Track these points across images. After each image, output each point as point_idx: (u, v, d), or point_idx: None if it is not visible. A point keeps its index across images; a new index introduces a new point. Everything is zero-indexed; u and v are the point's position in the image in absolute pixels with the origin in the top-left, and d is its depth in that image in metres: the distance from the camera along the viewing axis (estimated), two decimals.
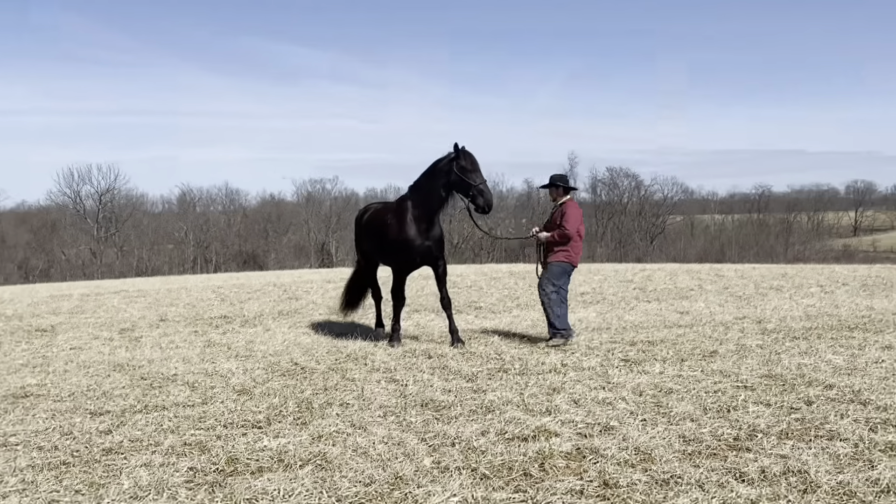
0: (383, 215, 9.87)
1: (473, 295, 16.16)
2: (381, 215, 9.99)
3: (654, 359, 8.32)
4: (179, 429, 6.08)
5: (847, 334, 9.55)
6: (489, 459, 5.16)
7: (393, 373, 7.96)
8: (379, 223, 9.87)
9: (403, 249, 9.46)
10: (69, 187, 66.44)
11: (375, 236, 9.96)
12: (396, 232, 9.44)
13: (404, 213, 9.48)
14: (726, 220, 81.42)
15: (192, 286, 21.19)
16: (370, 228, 10.15)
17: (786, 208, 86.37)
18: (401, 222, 9.44)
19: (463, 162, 9.10)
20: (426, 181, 9.44)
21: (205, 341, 10.52)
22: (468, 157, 9.14)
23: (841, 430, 5.56)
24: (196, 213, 71.97)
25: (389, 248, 9.62)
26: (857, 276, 17.81)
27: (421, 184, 9.50)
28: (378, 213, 10.23)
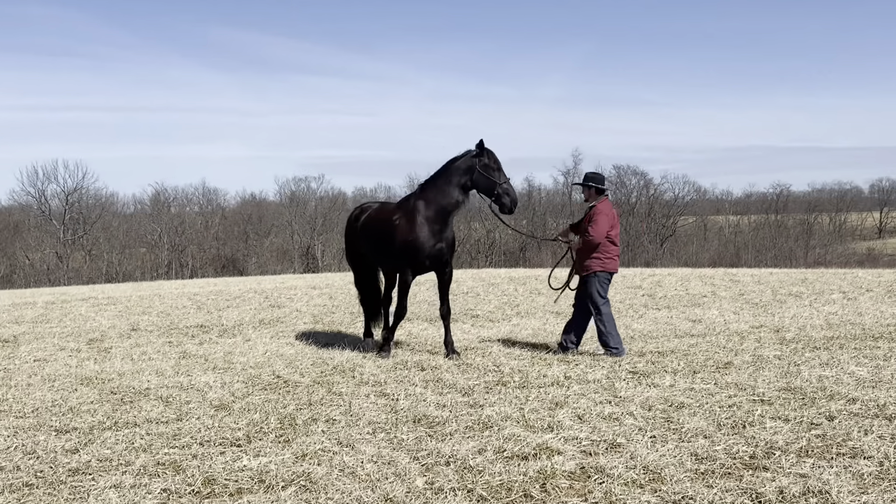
0: (388, 215, 9.75)
1: (470, 302, 16.17)
2: (384, 215, 9.88)
3: (664, 371, 8.33)
4: (152, 447, 6.06)
5: (871, 344, 9.57)
6: (486, 480, 5.16)
7: (383, 386, 7.96)
8: (382, 223, 9.76)
9: (414, 252, 9.36)
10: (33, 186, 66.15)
11: (377, 238, 9.85)
12: (406, 233, 9.35)
13: (415, 212, 9.41)
14: (742, 222, 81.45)
15: (166, 293, 21.15)
16: (370, 229, 10.05)
17: (806, 209, 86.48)
18: (411, 222, 9.36)
19: (486, 160, 9.23)
20: (442, 179, 9.43)
21: (180, 352, 10.50)
22: (491, 154, 9.28)
23: (865, 447, 5.57)
24: (171, 214, 71.68)
25: (397, 251, 9.46)
26: (882, 281, 17.86)
27: (436, 182, 9.47)
28: (380, 212, 10.13)
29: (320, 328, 12.70)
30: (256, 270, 61.86)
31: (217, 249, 69.81)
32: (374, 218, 10.12)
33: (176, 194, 75.39)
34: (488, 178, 9.18)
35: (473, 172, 9.25)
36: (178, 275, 61.69)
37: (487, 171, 9.18)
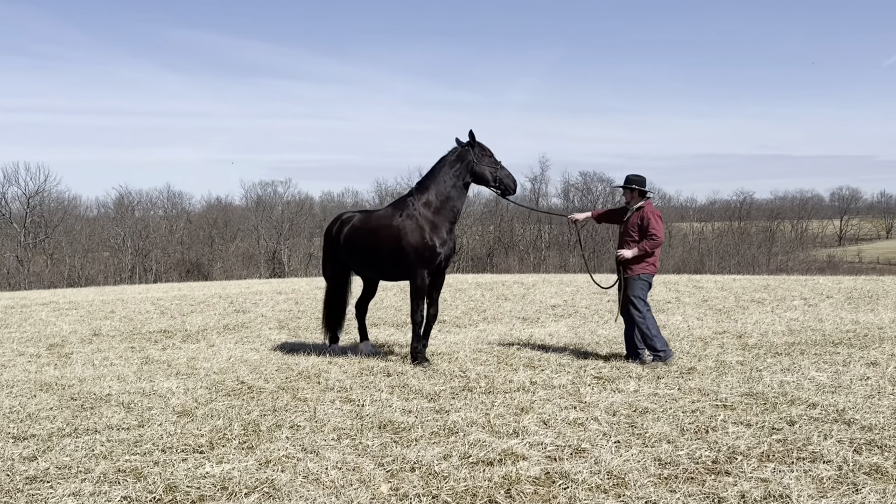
0: (387, 221, 9.48)
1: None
2: (381, 222, 9.57)
3: (629, 376, 8.38)
4: (113, 454, 5.97)
5: (831, 350, 9.72)
6: (451, 486, 5.15)
7: (348, 392, 7.92)
8: (380, 231, 9.45)
9: (431, 255, 9.24)
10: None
11: (374, 246, 9.52)
12: (420, 236, 9.21)
13: (424, 214, 9.30)
14: (706, 229, 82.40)
15: (129, 298, 20.90)
16: (360, 239, 9.68)
17: (768, 216, 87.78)
18: (423, 225, 9.24)
19: (479, 150, 9.38)
20: (445, 178, 9.35)
21: (142, 358, 10.37)
22: (482, 145, 9.43)
23: (824, 451, 5.65)
24: (135, 217, 70.80)
25: (411, 256, 9.22)
26: (842, 288, 18.16)
27: (438, 181, 9.37)
28: (372, 220, 9.77)
29: (286, 334, 12.62)
30: (222, 275, 61.28)
31: (182, 254, 69.08)
32: (365, 227, 9.72)
33: (140, 198, 74.64)
34: (487, 167, 9.35)
35: (471, 165, 9.34)
36: (142, 279, 60.96)
37: (484, 161, 9.33)
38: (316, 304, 17.43)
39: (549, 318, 13.88)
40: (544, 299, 17.11)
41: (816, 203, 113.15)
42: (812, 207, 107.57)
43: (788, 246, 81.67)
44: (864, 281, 20.68)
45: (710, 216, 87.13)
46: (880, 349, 9.64)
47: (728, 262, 67.28)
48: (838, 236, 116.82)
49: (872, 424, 6.28)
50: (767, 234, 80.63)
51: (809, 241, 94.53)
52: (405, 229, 9.26)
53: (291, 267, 68.61)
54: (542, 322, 13.47)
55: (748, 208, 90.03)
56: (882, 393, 7.36)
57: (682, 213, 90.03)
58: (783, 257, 73.46)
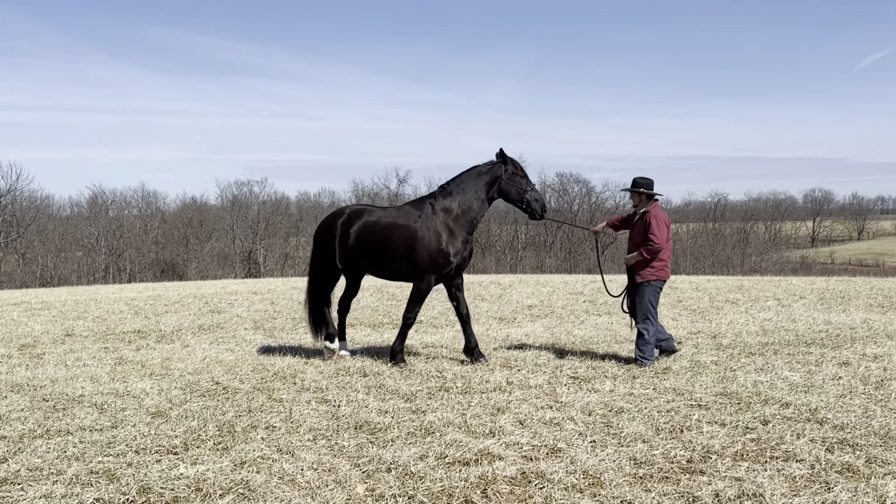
0: (405, 221, 9.34)
1: None
2: (398, 221, 9.39)
3: (605, 376, 8.42)
4: (85, 455, 5.91)
5: (804, 350, 9.81)
6: (428, 486, 5.14)
7: (324, 392, 7.89)
8: (398, 230, 9.30)
9: (445, 261, 9.23)
10: None
11: (387, 244, 9.33)
12: (437, 241, 9.17)
13: (444, 220, 9.26)
14: (680, 230, 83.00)
15: (102, 297, 20.69)
16: (375, 235, 9.43)
17: (742, 217, 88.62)
18: (442, 230, 9.21)
19: (512, 168, 9.33)
20: (470, 188, 9.34)
21: (116, 358, 10.27)
22: (515, 163, 9.39)
23: (797, 450, 5.70)
24: (109, 217, 70.14)
25: (423, 259, 9.16)
26: (815, 288, 18.35)
27: (463, 190, 9.35)
28: (388, 217, 9.52)
29: (261, 334, 12.54)
30: (197, 275, 60.86)
31: (156, 254, 68.56)
32: (381, 224, 9.46)
33: (114, 197, 73.98)
34: (516, 187, 9.31)
35: (500, 182, 9.32)
36: (116, 279, 60.40)
37: (514, 180, 9.29)
38: (292, 304, 17.35)
39: (526, 319, 13.90)
40: (521, 300, 17.14)
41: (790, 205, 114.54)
42: (785, 209, 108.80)
43: (762, 247, 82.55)
44: (836, 282, 20.91)
45: (685, 217, 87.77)
46: (852, 349, 9.76)
47: (703, 263, 67.82)
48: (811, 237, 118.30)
49: (844, 423, 6.35)
50: (741, 235, 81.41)
51: (783, 243, 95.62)
52: (423, 232, 9.19)
53: (267, 267, 68.30)
54: (518, 322, 13.49)
55: (722, 209, 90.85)
56: (853, 392, 7.44)
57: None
58: (757, 258, 74.23)
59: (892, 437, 5.99)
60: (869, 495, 4.84)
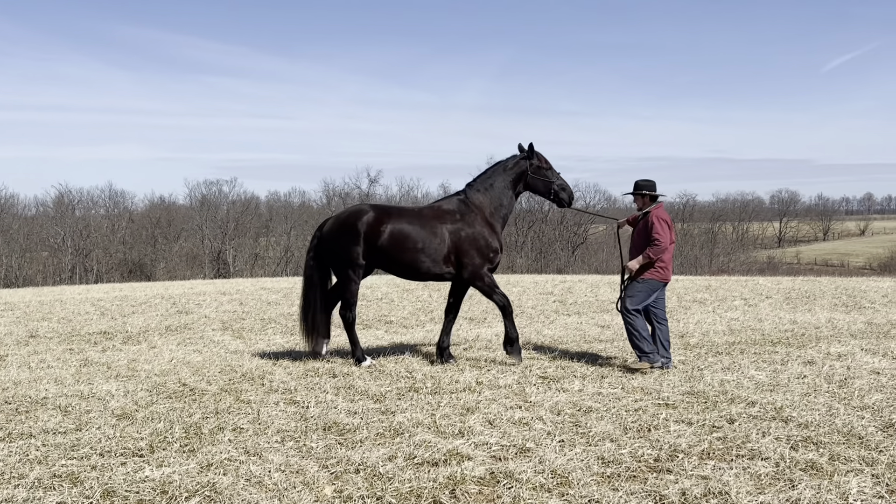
0: (443, 221, 9.23)
1: (384, 308, 16.10)
2: (438, 221, 9.25)
3: (574, 375, 8.45)
4: (48, 459, 5.81)
5: (770, 349, 9.93)
6: (396, 487, 5.13)
7: (293, 394, 7.84)
8: (440, 230, 9.17)
9: (492, 259, 9.36)
10: None
11: (427, 245, 9.12)
12: (485, 240, 9.24)
13: (483, 216, 9.29)
14: None
15: (68, 298, 20.42)
16: (412, 234, 9.15)
17: (710, 218, 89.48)
18: (483, 227, 9.26)
19: (537, 162, 9.40)
20: (499, 183, 9.43)
21: (81, 360, 10.14)
22: (540, 156, 9.45)
23: (762, 448, 5.76)
24: (75, 216, 69.19)
25: (472, 259, 9.19)
26: (781, 288, 18.57)
27: (490, 185, 9.42)
28: (424, 216, 9.34)
29: (229, 335, 12.45)
30: (165, 276, 60.25)
31: (124, 254, 67.71)
32: (416, 223, 9.22)
33: (81, 196, 72.93)
34: (543, 179, 9.43)
35: (526, 176, 9.43)
36: (83, 280, 59.59)
37: (540, 173, 9.40)
38: (261, 304, 17.23)
39: (496, 319, 13.91)
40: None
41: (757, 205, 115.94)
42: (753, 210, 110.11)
43: (730, 247, 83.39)
44: (801, 282, 21.19)
45: None
46: (817, 348, 9.88)
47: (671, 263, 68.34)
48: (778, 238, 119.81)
49: (808, 422, 6.43)
50: (710, 235, 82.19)
51: (750, 243, 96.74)
52: (468, 231, 9.21)
53: (237, 267, 67.76)
54: (488, 322, 13.51)
55: (691, 210, 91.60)
56: (818, 391, 7.54)
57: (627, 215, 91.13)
58: (725, 258, 74.94)
59: (854, 435, 6.07)
60: (832, 492, 4.90)
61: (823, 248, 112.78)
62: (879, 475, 5.19)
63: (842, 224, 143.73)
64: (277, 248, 72.59)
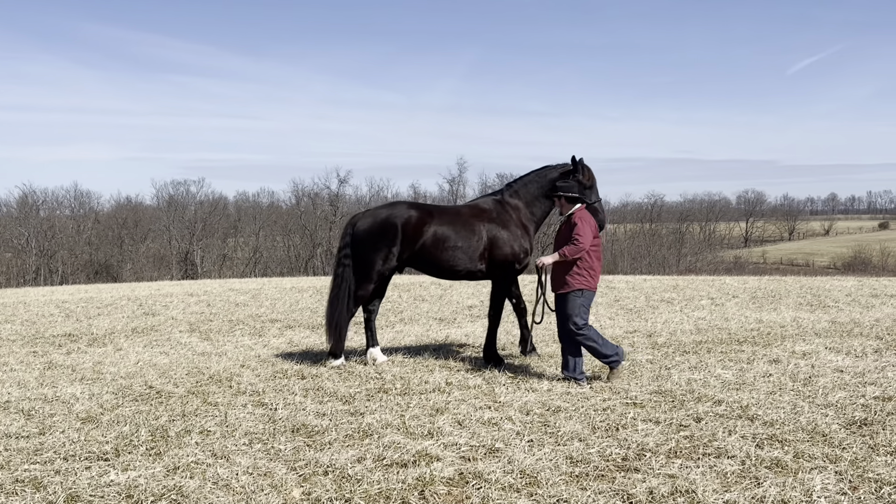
0: (485, 220, 9.23)
1: None
2: (479, 220, 9.24)
3: (543, 376, 8.48)
4: (10, 464, 5.72)
5: (736, 348, 10.03)
6: (365, 489, 5.11)
7: (261, 396, 7.79)
8: (481, 230, 9.19)
9: (522, 261, 9.34)
10: None
11: (467, 245, 9.11)
12: (519, 242, 9.23)
13: (517, 221, 9.30)
14: (618, 230, 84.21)
15: (31, 300, 20.11)
16: (454, 234, 9.12)
17: (678, 218, 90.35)
18: (517, 228, 9.27)
19: (582, 177, 9.18)
20: (534, 187, 9.38)
21: (45, 363, 9.99)
22: (588, 172, 9.26)
23: (729, 447, 5.82)
24: (40, 217, 68.18)
25: (506, 260, 9.18)
26: (747, 288, 18.78)
27: (527, 189, 9.41)
28: (464, 216, 9.31)
29: (197, 337, 12.33)
30: (132, 277, 59.58)
31: (90, 255, 66.84)
32: (458, 223, 9.20)
33: (45, 197, 71.91)
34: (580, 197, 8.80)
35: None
36: (47, 281, 58.80)
37: (581, 190, 8.97)
38: (228, 306, 17.09)
39: (466, 319, 13.92)
40: (461, 300, 17.17)
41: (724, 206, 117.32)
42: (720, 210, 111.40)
43: (697, 247, 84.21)
44: (767, 281, 21.43)
45: (623, 218, 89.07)
46: (782, 347, 10.00)
47: (640, 263, 68.89)
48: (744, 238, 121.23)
49: (774, 420, 6.51)
50: (677, 235, 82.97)
51: (717, 243, 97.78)
52: (503, 231, 9.22)
53: (205, 268, 67.21)
54: (458, 323, 13.51)
55: (659, 210, 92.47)
56: (783, 389, 7.63)
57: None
58: (692, 258, 75.66)
59: (818, 433, 6.16)
60: (797, 489, 4.96)
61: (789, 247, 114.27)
62: (842, 472, 5.27)
63: (807, 224, 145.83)
64: (246, 249, 72.13)
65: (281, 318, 14.63)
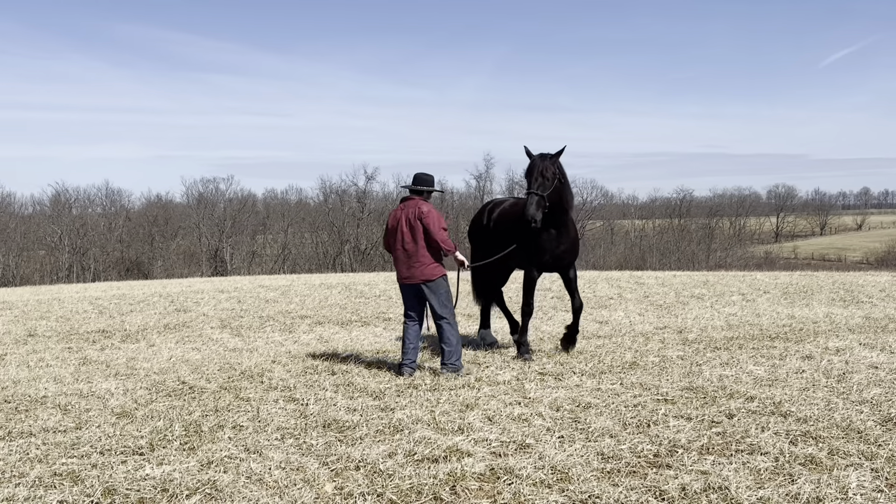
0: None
1: (382, 305, 16.10)
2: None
3: (572, 371, 8.46)
4: (49, 457, 5.82)
5: (768, 344, 9.94)
6: (396, 483, 5.13)
7: (292, 391, 7.84)
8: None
9: None
10: None
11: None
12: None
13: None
14: (647, 226, 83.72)
15: (66, 297, 20.40)
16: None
17: (707, 213, 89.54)
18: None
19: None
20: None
21: (80, 359, 10.14)
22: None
23: (762, 443, 5.77)
24: (72, 215, 69.10)
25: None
26: (779, 283, 18.59)
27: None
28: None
29: (228, 333, 12.44)
30: (162, 274, 60.21)
31: (121, 252, 67.68)
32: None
33: (77, 195, 72.88)
34: None
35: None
36: (80, 278, 59.53)
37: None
38: (259, 302, 17.22)
39: (493, 316, 13.91)
40: None
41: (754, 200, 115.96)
42: (749, 205, 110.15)
43: (727, 242, 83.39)
44: (799, 276, 21.21)
45: (652, 213, 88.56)
46: (815, 343, 9.90)
47: (669, 259, 68.39)
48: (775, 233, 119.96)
49: (807, 416, 6.44)
50: (707, 230, 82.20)
51: (747, 238, 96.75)
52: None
53: (234, 265, 67.74)
54: None
55: (688, 206, 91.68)
56: (816, 385, 7.55)
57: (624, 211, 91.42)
58: (722, 254, 74.93)
59: (853, 430, 6.08)
60: (832, 486, 4.91)
61: (820, 242, 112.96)
62: (878, 469, 5.21)
63: (839, 219, 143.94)
64: (275, 246, 72.58)
65: (310, 314, 14.72)
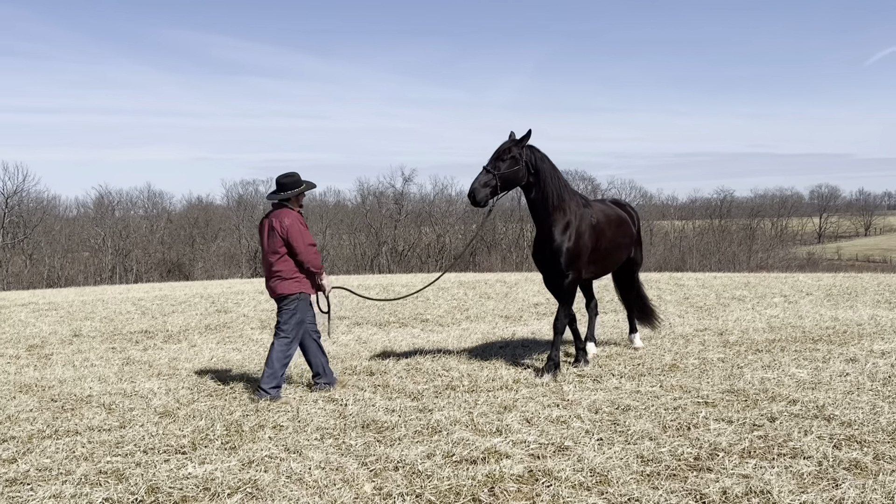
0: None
1: (420, 307, 16.15)
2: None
3: (611, 373, 8.41)
4: (94, 455, 5.93)
5: (811, 347, 9.79)
6: (435, 484, 5.15)
7: (331, 392, 7.90)
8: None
9: None
10: None
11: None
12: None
13: None
14: (686, 227, 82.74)
15: (109, 298, 20.75)
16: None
17: (748, 214, 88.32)
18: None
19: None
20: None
21: (123, 359, 10.31)
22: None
23: (804, 447, 5.69)
24: (115, 217, 70.25)
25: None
26: (822, 285, 18.30)
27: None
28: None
29: (268, 333, 12.56)
30: (203, 275, 60.92)
31: (162, 254, 68.64)
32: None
33: (120, 197, 74.08)
34: None
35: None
36: (123, 279, 60.50)
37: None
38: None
39: (532, 317, 13.90)
40: (527, 298, 17.14)
41: (796, 201, 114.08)
42: (792, 205, 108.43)
43: (769, 243, 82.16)
44: (843, 278, 20.86)
45: (692, 214, 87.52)
46: (859, 345, 9.73)
47: (709, 260, 67.59)
48: (818, 234, 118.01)
49: (852, 420, 6.34)
50: (748, 231, 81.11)
51: (789, 239, 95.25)
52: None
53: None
54: (524, 320, 13.49)
55: (729, 206, 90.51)
56: (861, 389, 7.42)
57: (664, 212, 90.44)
58: (763, 255, 73.89)
59: None
60: (877, 492, 4.83)
61: (865, 243, 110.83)
62: None
63: (884, 219, 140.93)
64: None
65: (349, 315, 14.81)
